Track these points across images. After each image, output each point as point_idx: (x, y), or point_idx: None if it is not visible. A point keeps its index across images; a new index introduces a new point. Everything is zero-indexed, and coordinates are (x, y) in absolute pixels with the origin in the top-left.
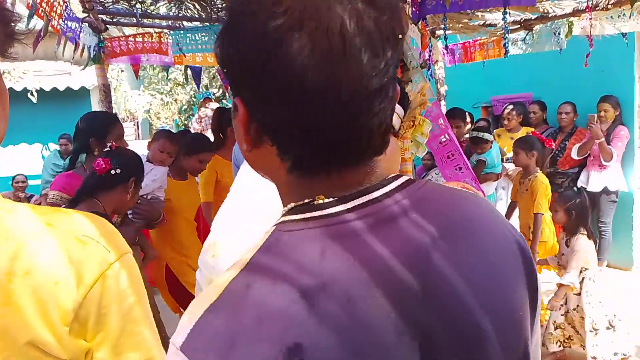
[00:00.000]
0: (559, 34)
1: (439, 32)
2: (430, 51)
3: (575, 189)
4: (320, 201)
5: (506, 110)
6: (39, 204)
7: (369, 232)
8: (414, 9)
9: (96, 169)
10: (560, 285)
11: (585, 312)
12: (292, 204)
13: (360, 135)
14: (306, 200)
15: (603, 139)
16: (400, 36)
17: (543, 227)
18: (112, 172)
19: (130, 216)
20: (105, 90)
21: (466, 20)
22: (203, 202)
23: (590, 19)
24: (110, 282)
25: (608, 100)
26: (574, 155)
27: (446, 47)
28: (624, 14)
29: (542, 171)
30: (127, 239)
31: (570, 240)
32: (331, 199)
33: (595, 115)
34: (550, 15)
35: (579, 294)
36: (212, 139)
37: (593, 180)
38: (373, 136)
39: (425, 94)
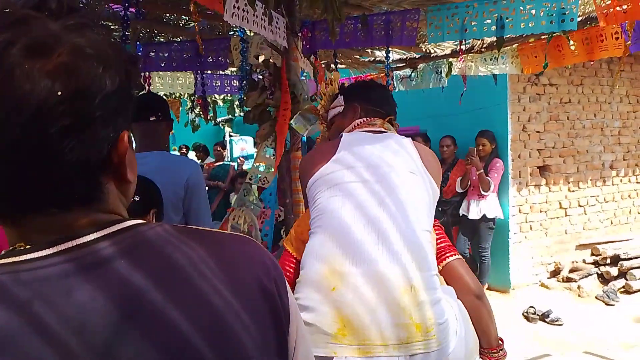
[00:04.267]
0: (441, 72)
1: (333, 66)
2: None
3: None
4: (21, 248)
5: None
6: None
7: (63, 279)
8: (304, 43)
9: None
10: None
11: None
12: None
13: (42, 179)
14: (11, 247)
15: (482, 170)
16: (79, 92)
17: None
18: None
19: None
20: None
21: (357, 56)
22: None
23: (462, 60)
24: None
25: (485, 135)
26: (457, 188)
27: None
28: (495, 57)
29: None
30: None
31: None
32: (28, 246)
33: (475, 148)
34: (432, 55)
35: None
36: None
37: (473, 209)
38: (59, 181)
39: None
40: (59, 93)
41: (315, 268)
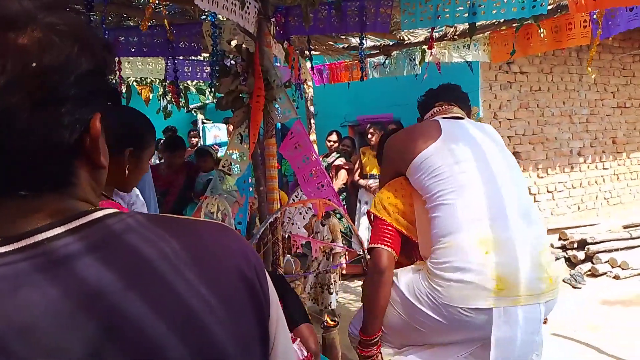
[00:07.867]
0: (414, 60)
1: (308, 52)
2: (299, 70)
3: None
4: None
5: (369, 130)
6: None
7: (28, 276)
8: (278, 28)
9: None
10: None
11: None
12: None
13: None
14: None
15: None
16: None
17: None
18: None
19: None
20: None
21: (331, 43)
22: None
23: (431, 48)
24: None
25: None
26: None
27: (312, 68)
28: (468, 45)
29: None
30: None
31: None
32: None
33: None
34: (406, 42)
35: None
36: None
37: None
38: (21, 166)
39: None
40: (34, 65)
41: (465, 236)
